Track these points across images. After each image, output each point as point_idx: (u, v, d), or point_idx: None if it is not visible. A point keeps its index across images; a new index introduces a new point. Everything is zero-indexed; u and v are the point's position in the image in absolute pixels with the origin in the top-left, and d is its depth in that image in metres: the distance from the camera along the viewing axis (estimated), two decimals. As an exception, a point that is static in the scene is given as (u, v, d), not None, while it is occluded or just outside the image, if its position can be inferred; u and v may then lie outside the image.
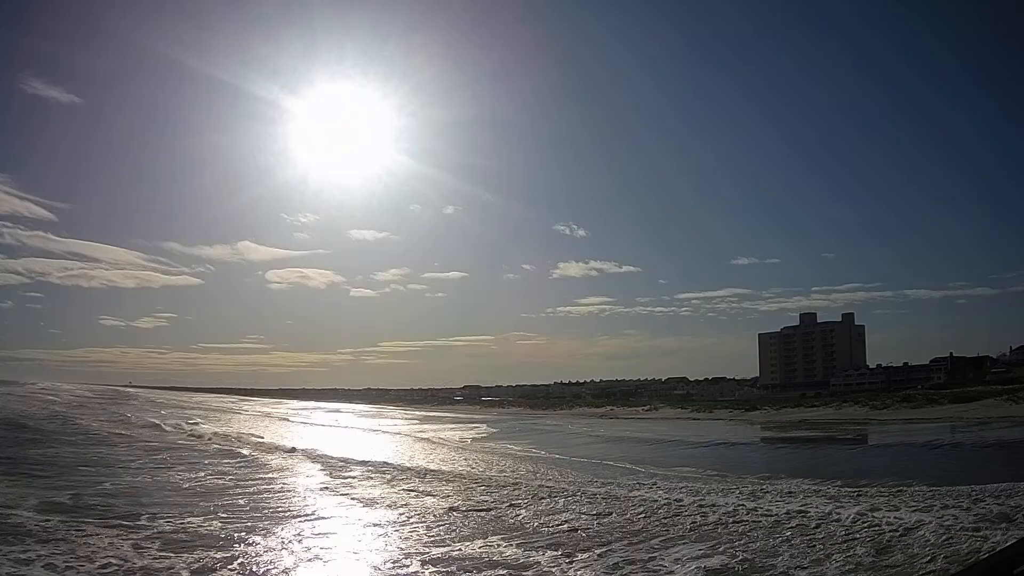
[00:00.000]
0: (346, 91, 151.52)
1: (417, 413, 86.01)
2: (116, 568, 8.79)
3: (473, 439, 40.58)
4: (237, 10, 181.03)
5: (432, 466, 23.13)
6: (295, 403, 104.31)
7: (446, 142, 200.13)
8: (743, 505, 14.43)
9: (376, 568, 9.63)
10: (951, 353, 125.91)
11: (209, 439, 28.13)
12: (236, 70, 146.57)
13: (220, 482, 16.73)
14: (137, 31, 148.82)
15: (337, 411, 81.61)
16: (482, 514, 13.74)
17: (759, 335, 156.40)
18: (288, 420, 53.80)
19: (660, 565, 9.86)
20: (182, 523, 11.50)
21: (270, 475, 18.61)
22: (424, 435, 41.87)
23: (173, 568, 8.93)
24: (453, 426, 54.23)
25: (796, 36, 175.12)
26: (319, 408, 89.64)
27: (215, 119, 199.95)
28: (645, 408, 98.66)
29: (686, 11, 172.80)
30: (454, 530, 12.06)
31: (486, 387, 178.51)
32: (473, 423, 60.09)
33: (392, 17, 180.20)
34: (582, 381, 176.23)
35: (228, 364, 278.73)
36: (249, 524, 11.80)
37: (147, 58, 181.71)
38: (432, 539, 11.30)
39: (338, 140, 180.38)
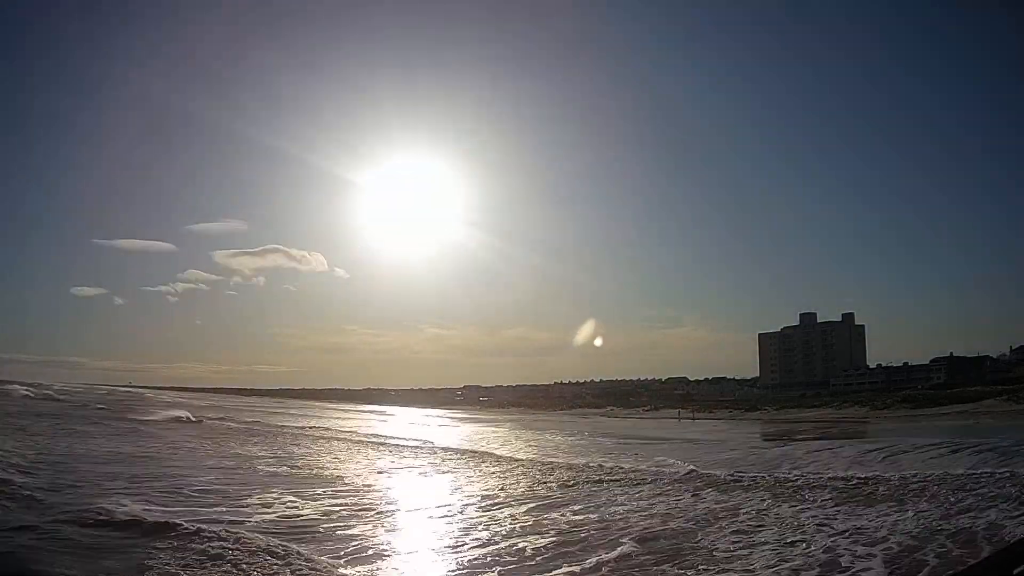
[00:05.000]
0: (414, 164, 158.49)
1: (502, 418, 79.21)
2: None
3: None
4: (307, 87, 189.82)
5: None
6: (365, 408, 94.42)
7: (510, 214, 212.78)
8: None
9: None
10: (951, 353, 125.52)
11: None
12: (308, 146, 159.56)
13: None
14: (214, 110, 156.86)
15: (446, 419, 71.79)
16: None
17: (759, 335, 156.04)
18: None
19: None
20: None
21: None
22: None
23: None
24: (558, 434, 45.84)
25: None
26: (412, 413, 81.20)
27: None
28: (645, 408, 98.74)
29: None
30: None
31: (485, 387, 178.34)
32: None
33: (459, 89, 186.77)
34: (582, 381, 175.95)
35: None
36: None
37: (222, 135, 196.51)
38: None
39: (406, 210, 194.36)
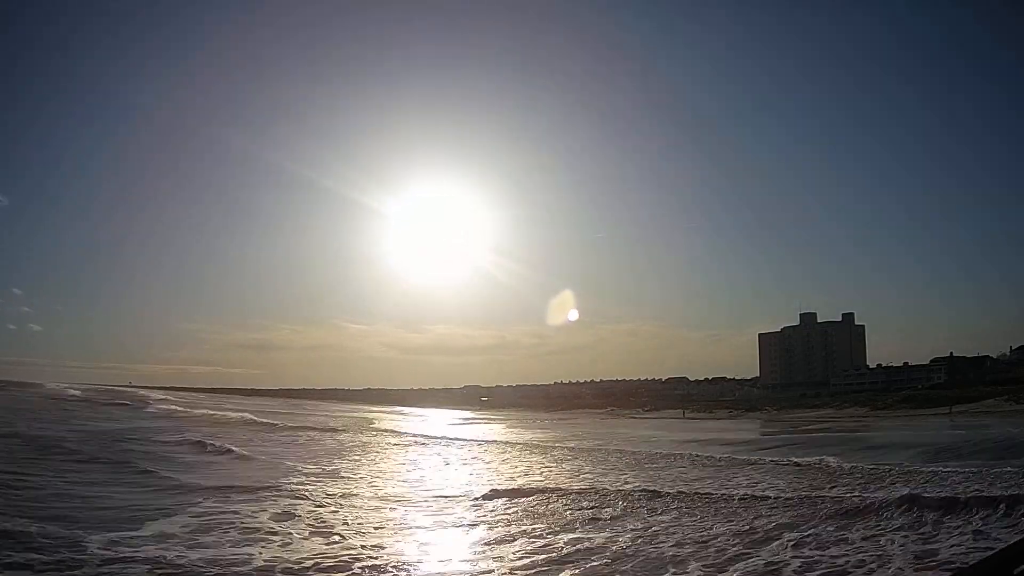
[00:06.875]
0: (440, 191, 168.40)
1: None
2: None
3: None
4: (333, 116, 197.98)
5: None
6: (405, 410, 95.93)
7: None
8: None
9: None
10: (951, 353, 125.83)
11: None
12: (337, 175, 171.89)
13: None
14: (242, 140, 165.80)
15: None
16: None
17: (759, 335, 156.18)
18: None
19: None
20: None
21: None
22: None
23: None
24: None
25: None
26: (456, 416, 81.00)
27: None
28: (645, 408, 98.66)
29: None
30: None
31: (486, 387, 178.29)
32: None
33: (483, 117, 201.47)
34: (581, 381, 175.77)
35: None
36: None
37: (255, 164, 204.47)
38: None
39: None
